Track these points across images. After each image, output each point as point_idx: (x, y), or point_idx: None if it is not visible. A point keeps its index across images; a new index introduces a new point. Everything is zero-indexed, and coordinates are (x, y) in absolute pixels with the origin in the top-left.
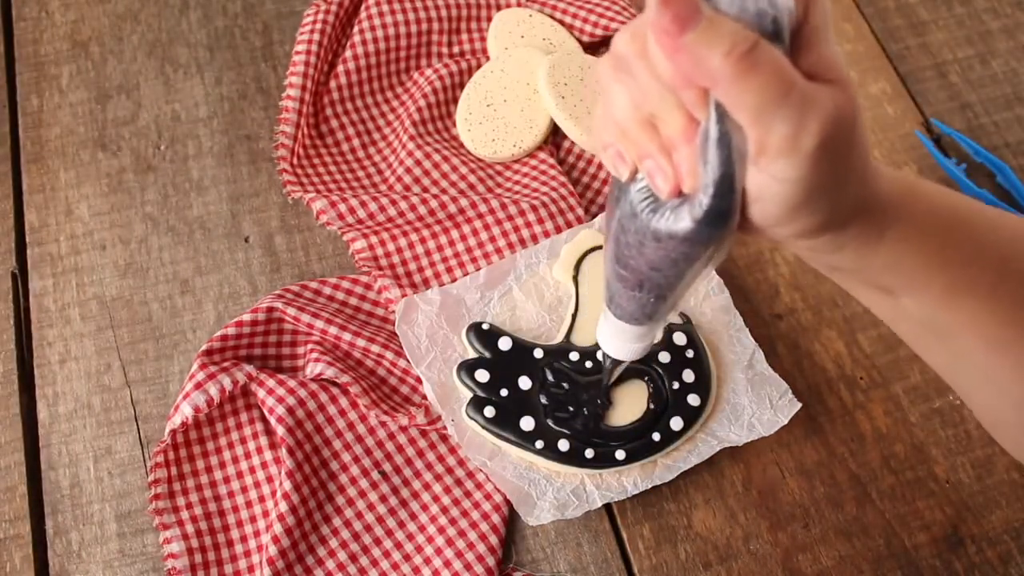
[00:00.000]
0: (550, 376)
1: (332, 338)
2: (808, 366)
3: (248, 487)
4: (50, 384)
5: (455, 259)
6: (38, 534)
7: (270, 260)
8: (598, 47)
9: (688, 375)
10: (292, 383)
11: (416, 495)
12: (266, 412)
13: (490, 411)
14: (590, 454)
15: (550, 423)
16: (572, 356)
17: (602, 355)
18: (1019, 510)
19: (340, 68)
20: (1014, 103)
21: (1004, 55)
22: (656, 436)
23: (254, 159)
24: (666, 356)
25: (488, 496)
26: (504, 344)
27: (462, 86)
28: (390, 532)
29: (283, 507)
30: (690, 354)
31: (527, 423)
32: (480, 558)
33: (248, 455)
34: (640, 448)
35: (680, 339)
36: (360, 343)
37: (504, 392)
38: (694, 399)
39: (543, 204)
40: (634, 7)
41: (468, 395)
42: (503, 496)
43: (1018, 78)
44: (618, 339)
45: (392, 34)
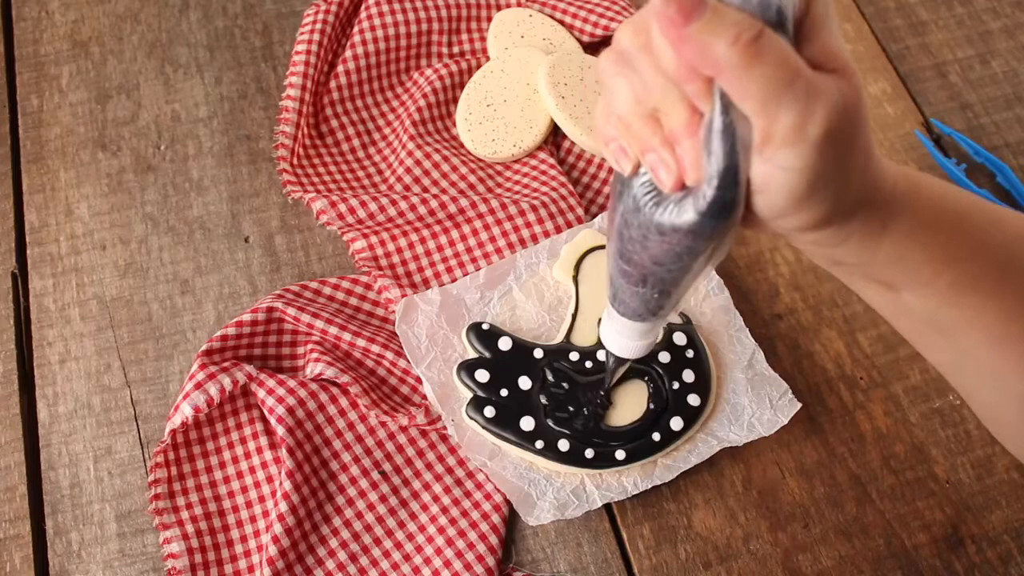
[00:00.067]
0: (550, 376)
1: (332, 338)
2: (808, 366)
3: (248, 487)
4: (50, 384)
5: (455, 259)
6: (38, 534)
7: (270, 260)
8: (598, 47)
9: (688, 375)
10: (292, 383)
11: (416, 495)
12: (266, 412)
13: (490, 411)
14: (590, 454)
15: (550, 423)
16: (572, 356)
17: (605, 353)
18: (1019, 510)
19: (340, 68)
20: (1014, 103)
21: (1004, 55)
22: (656, 436)
23: (254, 159)
24: (666, 356)
25: (488, 496)
26: (504, 344)
27: (462, 86)
28: (390, 532)
29: (283, 507)
30: (690, 354)
31: (527, 423)
32: (480, 558)
33: (248, 455)
34: (640, 448)
35: (680, 339)
36: (360, 343)
37: (504, 392)
38: (694, 399)
39: (543, 204)
40: (634, 7)
41: (468, 395)
42: (503, 496)
43: (1018, 78)
44: (621, 337)
45: (392, 34)
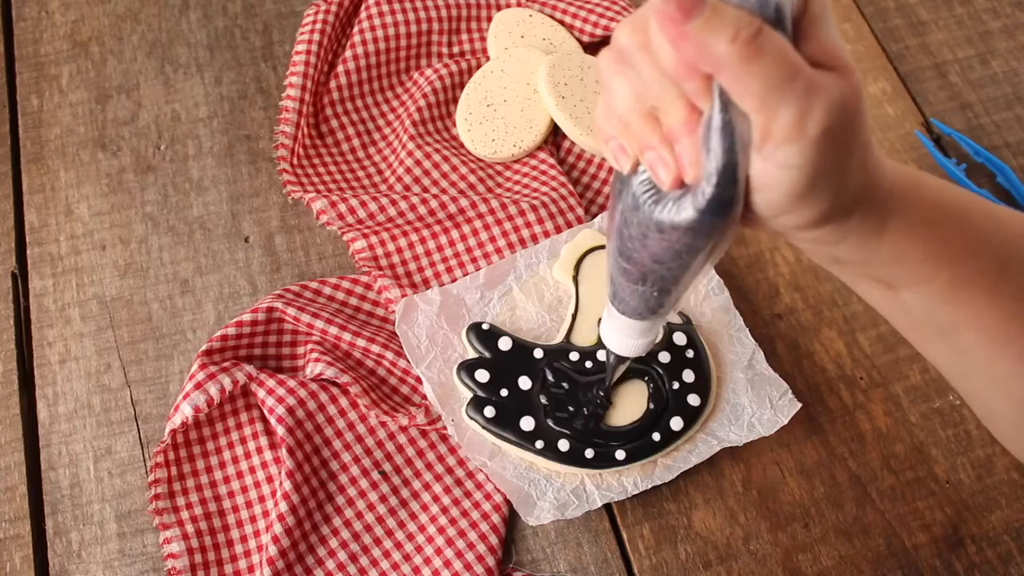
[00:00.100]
0: (550, 376)
1: (332, 338)
2: (808, 366)
3: (248, 487)
4: (50, 384)
5: (455, 259)
6: (38, 534)
7: (270, 260)
8: (598, 47)
9: (688, 375)
10: (292, 383)
11: (416, 495)
12: (266, 412)
13: (490, 411)
14: (590, 454)
15: (550, 423)
16: (572, 356)
17: (605, 352)
18: (1019, 510)
19: (340, 68)
20: (1014, 103)
21: (1004, 55)
22: (656, 436)
23: (254, 159)
24: (666, 356)
25: (488, 496)
26: (504, 344)
27: (462, 86)
28: (390, 532)
29: (283, 507)
30: (690, 354)
31: (527, 423)
32: (480, 558)
33: (248, 455)
34: (640, 448)
35: (680, 339)
36: (360, 343)
37: (504, 392)
38: (694, 399)
39: (543, 204)
40: (633, 7)
41: (468, 395)
42: (503, 496)
43: (1018, 78)
44: (621, 335)
45: (392, 34)
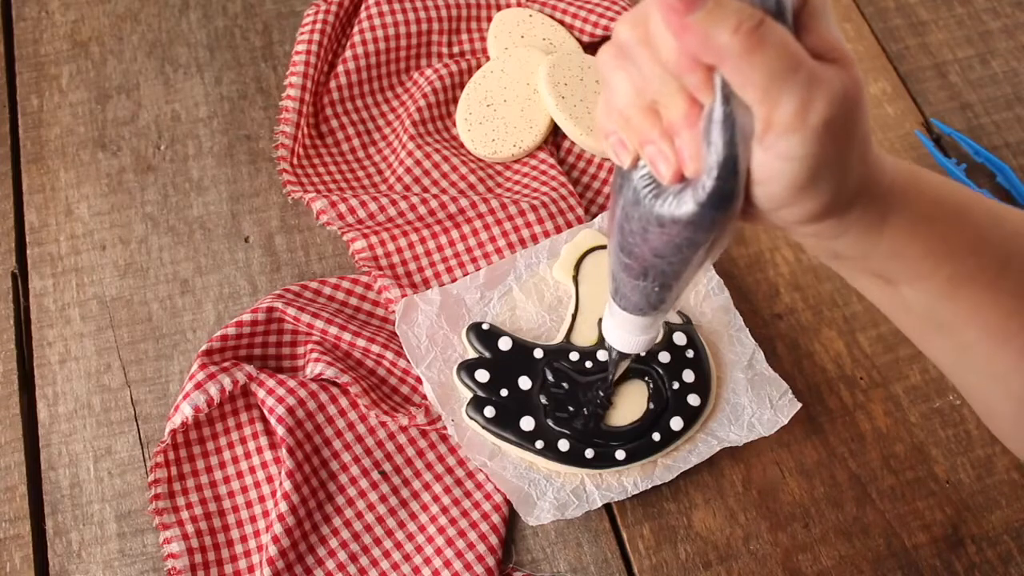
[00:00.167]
0: (550, 376)
1: (332, 338)
2: (808, 366)
3: (248, 487)
4: (50, 384)
5: (455, 259)
6: (38, 534)
7: (270, 260)
8: (598, 47)
9: (688, 375)
10: (292, 383)
11: (416, 495)
12: (266, 412)
13: (490, 411)
14: (590, 454)
15: (550, 423)
16: (572, 356)
17: (607, 349)
18: (1019, 510)
19: (340, 68)
20: (1014, 103)
21: (1004, 55)
22: (656, 436)
23: (254, 159)
24: (666, 356)
25: (488, 496)
26: (504, 344)
27: (462, 86)
28: (390, 532)
29: (283, 507)
30: (690, 354)
31: (527, 423)
32: (480, 558)
33: (248, 455)
34: (640, 448)
35: (680, 339)
36: (360, 343)
37: (504, 392)
38: (694, 399)
39: (543, 204)
40: (633, 7)
41: (468, 395)
42: (503, 496)
43: (1018, 78)
44: (623, 331)
45: (392, 34)
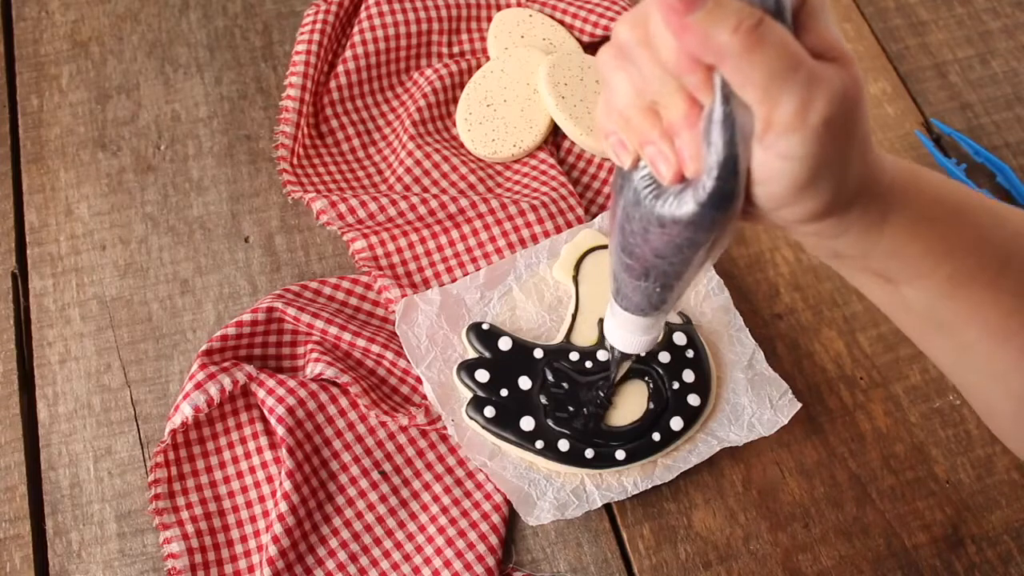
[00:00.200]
0: (550, 376)
1: (332, 338)
2: (808, 366)
3: (248, 487)
4: (50, 384)
5: (455, 259)
6: (38, 534)
7: (270, 260)
8: (598, 47)
9: (688, 375)
10: (292, 383)
11: (416, 495)
12: (266, 412)
13: (490, 411)
14: (590, 454)
15: (550, 423)
16: (572, 356)
17: (609, 349)
18: (1019, 510)
19: (340, 68)
20: (1014, 103)
21: (1004, 55)
22: (656, 436)
23: (254, 159)
24: (666, 356)
25: (488, 496)
26: (504, 344)
27: (462, 86)
28: (390, 532)
29: (283, 507)
30: (690, 354)
31: (527, 423)
32: (480, 558)
33: (248, 455)
34: (640, 448)
35: (680, 339)
36: (360, 343)
37: (504, 392)
38: (694, 399)
39: (543, 204)
40: (632, 7)
41: (468, 395)
42: (503, 496)
43: (1018, 78)
44: (625, 332)
45: (392, 34)
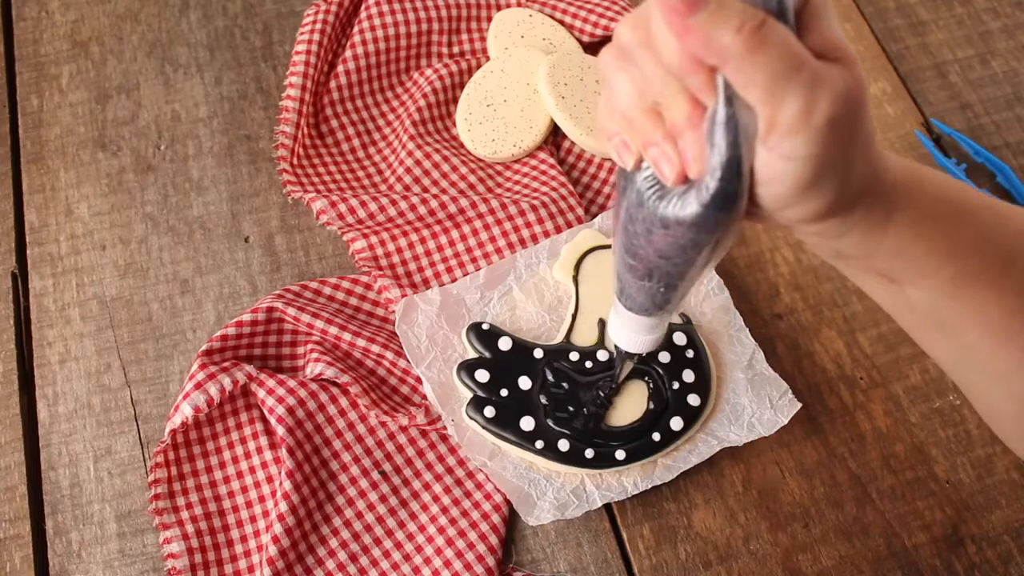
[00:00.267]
0: (550, 376)
1: (332, 338)
2: (808, 366)
3: (248, 487)
4: (50, 384)
5: (455, 259)
6: (38, 534)
7: (270, 260)
8: (598, 47)
9: (688, 375)
10: (292, 383)
11: (416, 495)
12: (266, 412)
13: (490, 411)
14: (590, 454)
15: (550, 423)
16: (572, 356)
17: (615, 349)
18: (1019, 510)
19: (340, 68)
20: (1014, 103)
21: (1004, 55)
22: (656, 436)
23: (254, 159)
24: (666, 356)
25: (488, 496)
26: (504, 344)
27: (462, 86)
28: (390, 532)
29: (283, 507)
30: (690, 354)
31: (527, 423)
32: (480, 558)
33: (248, 455)
34: (640, 448)
35: (680, 339)
36: (360, 343)
37: (504, 392)
38: (694, 399)
39: (543, 204)
40: (633, 7)
41: (468, 395)
42: (503, 496)
43: (1018, 78)
44: (630, 331)
45: (392, 34)
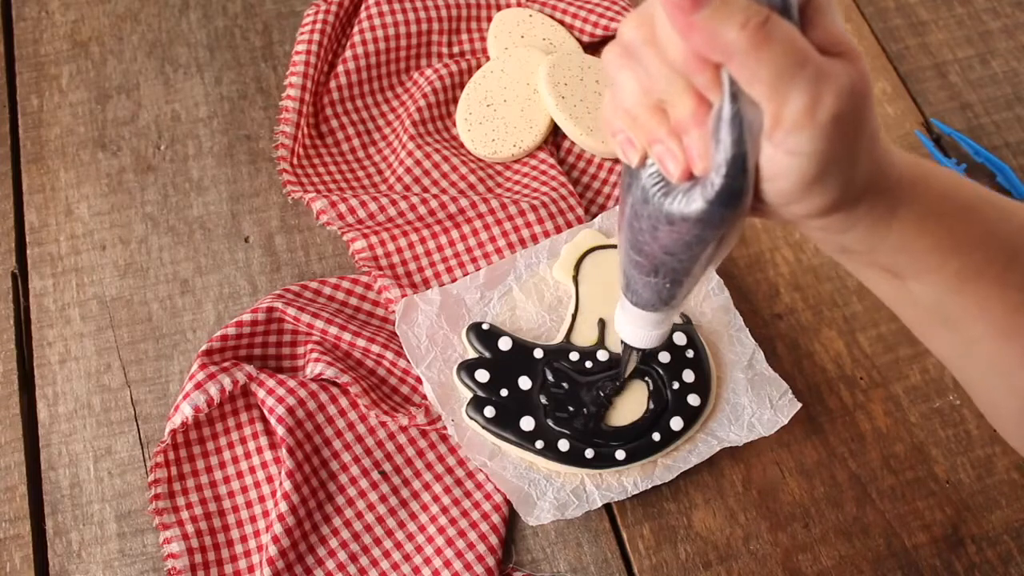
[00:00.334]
0: (550, 376)
1: (332, 338)
2: (808, 366)
3: (248, 487)
4: (50, 384)
5: (455, 259)
6: (38, 534)
7: (270, 260)
8: (598, 47)
9: (688, 375)
10: (292, 383)
11: (416, 495)
12: (266, 412)
13: (490, 411)
14: (590, 454)
15: (550, 423)
16: (572, 356)
17: (620, 344)
18: (1019, 510)
19: (340, 68)
20: (1014, 103)
21: (1004, 55)
22: (656, 436)
23: (254, 159)
24: (666, 356)
25: (488, 496)
26: (504, 344)
27: (462, 86)
28: (390, 532)
29: (283, 507)
30: (690, 354)
31: (527, 423)
32: (480, 558)
33: (248, 455)
34: (640, 448)
35: (680, 339)
36: (360, 343)
37: (504, 392)
38: (694, 399)
39: (543, 204)
40: (633, 7)
41: (468, 395)
42: (503, 496)
43: (1018, 78)
44: (636, 327)
45: (392, 34)
